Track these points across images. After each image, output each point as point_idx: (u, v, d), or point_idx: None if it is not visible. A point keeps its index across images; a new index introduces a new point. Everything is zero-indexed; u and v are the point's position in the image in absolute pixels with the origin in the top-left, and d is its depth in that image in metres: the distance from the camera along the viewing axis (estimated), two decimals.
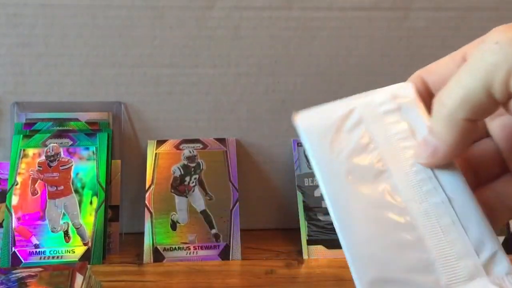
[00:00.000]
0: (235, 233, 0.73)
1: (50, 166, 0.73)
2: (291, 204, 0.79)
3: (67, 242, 0.70)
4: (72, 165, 0.73)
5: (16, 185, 0.71)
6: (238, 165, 0.77)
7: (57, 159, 0.73)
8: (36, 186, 0.72)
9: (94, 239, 0.70)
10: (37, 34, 0.74)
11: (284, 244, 0.77)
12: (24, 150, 0.73)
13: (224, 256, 0.72)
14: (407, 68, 0.79)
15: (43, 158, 0.73)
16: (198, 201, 0.75)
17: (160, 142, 0.78)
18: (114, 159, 0.76)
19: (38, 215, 0.71)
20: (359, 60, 0.79)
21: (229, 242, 0.73)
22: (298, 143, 0.79)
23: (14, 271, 0.57)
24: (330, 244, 0.73)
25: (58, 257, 0.69)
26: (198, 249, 0.72)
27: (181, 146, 0.78)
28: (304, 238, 0.74)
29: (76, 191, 0.72)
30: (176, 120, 0.79)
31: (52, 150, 0.73)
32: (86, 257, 0.70)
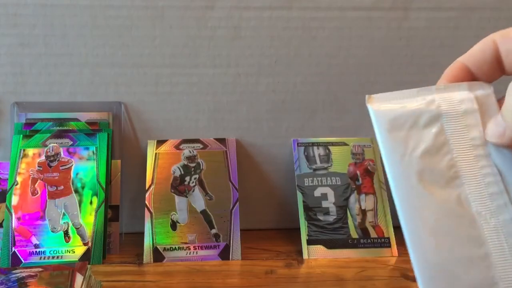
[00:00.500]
0: (235, 233, 0.73)
1: (50, 166, 0.73)
2: (291, 204, 0.79)
3: (67, 242, 0.70)
4: (72, 165, 0.73)
5: (16, 185, 0.71)
6: (238, 165, 0.77)
7: (57, 159, 0.73)
8: (36, 186, 0.72)
9: (94, 239, 0.70)
10: (37, 34, 0.74)
11: (284, 244, 0.77)
12: (24, 150, 0.73)
13: (224, 256, 0.72)
14: (407, 68, 0.80)
15: (43, 158, 0.73)
16: (198, 201, 0.75)
17: (160, 142, 0.78)
18: (114, 159, 0.76)
19: (38, 215, 0.71)
20: (359, 60, 0.79)
21: (229, 242, 0.73)
22: (298, 143, 0.79)
23: (14, 271, 0.57)
24: (330, 244, 0.73)
25: (58, 257, 0.69)
26: (198, 249, 0.72)
27: (181, 146, 0.78)
28: (304, 238, 0.74)
29: (76, 191, 0.72)
30: (176, 120, 0.79)
31: (52, 150, 0.73)
32: (86, 257, 0.70)
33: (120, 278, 0.66)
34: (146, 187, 0.75)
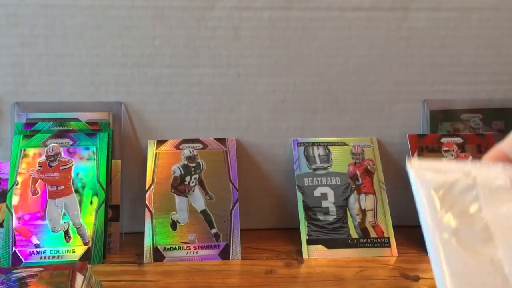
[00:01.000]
0: (235, 233, 0.73)
1: (51, 166, 0.73)
2: (291, 204, 0.79)
3: (68, 242, 0.70)
4: (72, 165, 0.73)
5: (16, 185, 0.71)
6: (238, 165, 0.77)
7: (57, 159, 0.73)
8: (36, 186, 0.72)
9: (94, 239, 0.71)
10: (37, 35, 0.74)
11: (284, 244, 0.77)
12: (24, 150, 0.73)
13: (224, 255, 0.72)
14: (407, 68, 0.80)
15: (44, 158, 0.73)
16: (198, 201, 0.75)
17: (160, 142, 0.78)
18: (114, 159, 0.76)
19: (38, 215, 0.71)
20: (359, 60, 0.79)
21: (229, 242, 0.73)
22: (298, 143, 0.79)
23: (14, 271, 0.57)
24: (330, 244, 0.73)
25: (58, 256, 0.70)
26: (198, 248, 0.72)
27: (181, 146, 0.78)
28: (304, 238, 0.74)
29: (76, 191, 0.72)
30: (176, 120, 0.79)
31: (52, 150, 0.73)
32: (86, 256, 0.70)
33: (120, 278, 0.66)
34: (146, 187, 0.75)
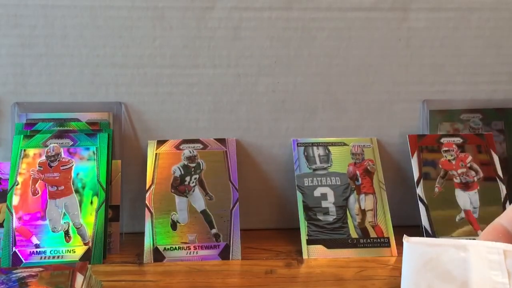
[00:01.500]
0: (235, 233, 0.73)
1: (51, 166, 0.73)
2: (291, 204, 0.79)
3: (68, 242, 0.70)
4: (72, 165, 0.73)
5: (16, 185, 0.72)
6: (238, 165, 0.78)
7: (57, 159, 0.73)
8: (36, 186, 0.72)
9: (94, 239, 0.71)
10: (37, 35, 0.74)
11: (284, 244, 0.77)
12: (24, 150, 0.73)
13: (224, 256, 0.72)
14: (407, 68, 0.80)
15: (44, 158, 0.73)
16: (198, 201, 0.75)
17: (160, 142, 0.78)
18: (114, 159, 0.76)
19: (38, 215, 0.71)
20: (359, 60, 0.79)
21: (229, 242, 0.73)
22: (298, 143, 0.79)
23: (14, 271, 0.57)
24: (330, 244, 0.73)
25: (58, 257, 0.70)
26: (198, 249, 0.72)
27: (181, 146, 0.78)
28: (303, 238, 0.74)
29: (76, 191, 0.72)
30: (176, 120, 0.79)
31: (52, 150, 0.73)
32: (86, 257, 0.70)
33: (120, 278, 0.66)
34: (147, 187, 0.75)
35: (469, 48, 0.79)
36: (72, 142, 0.74)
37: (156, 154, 0.77)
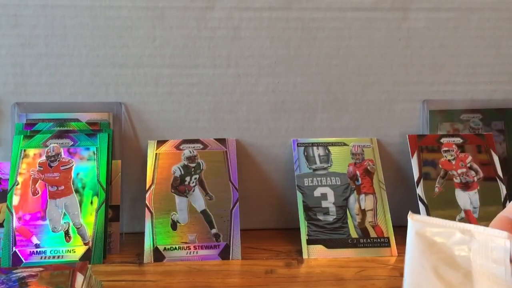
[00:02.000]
0: (235, 233, 0.73)
1: (51, 166, 0.73)
2: (291, 204, 0.79)
3: (68, 242, 0.71)
4: (72, 165, 0.73)
5: (17, 185, 0.72)
6: (238, 165, 0.78)
7: (57, 159, 0.73)
8: (36, 186, 0.72)
9: (94, 239, 0.71)
10: (37, 35, 0.74)
11: (284, 244, 0.77)
12: (24, 151, 0.73)
13: (224, 255, 0.72)
14: (407, 68, 0.80)
15: (44, 158, 0.73)
16: (198, 201, 0.75)
17: (160, 142, 0.78)
18: (114, 159, 0.76)
19: (39, 215, 0.71)
20: (359, 60, 0.79)
21: (229, 242, 0.73)
22: (298, 143, 0.79)
23: (14, 271, 0.57)
24: (330, 243, 0.73)
25: (58, 256, 0.70)
26: (198, 248, 0.72)
27: (181, 146, 0.78)
28: (303, 238, 0.74)
29: (76, 191, 0.72)
30: (176, 120, 0.79)
31: (52, 150, 0.73)
32: (86, 257, 0.70)
33: (120, 278, 0.66)
34: (147, 187, 0.75)
35: (469, 48, 0.79)
36: (72, 142, 0.74)
37: (156, 154, 0.77)
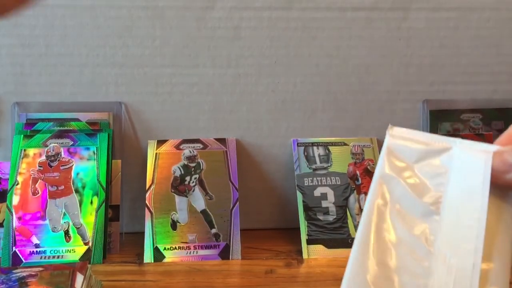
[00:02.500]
0: (235, 233, 0.73)
1: (51, 166, 0.73)
2: (291, 204, 0.79)
3: (68, 241, 0.71)
4: (72, 165, 0.73)
5: (16, 185, 0.72)
6: (238, 165, 0.78)
7: (57, 159, 0.73)
8: (36, 186, 0.72)
9: (94, 239, 0.71)
10: (37, 35, 0.74)
11: (284, 243, 0.77)
12: (24, 150, 0.73)
13: (224, 255, 0.72)
14: (407, 68, 0.80)
15: (44, 158, 0.73)
16: (198, 201, 0.75)
17: (160, 142, 0.78)
18: (114, 159, 0.76)
19: (38, 215, 0.71)
20: (359, 60, 0.79)
21: (229, 241, 0.73)
22: (298, 143, 0.79)
23: (14, 271, 0.57)
24: (330, 243, 0.73)
25: (58, 256, 0.70)
26: (198, 248, 0.72)
27: (181, 146, 0.78)
28: (303, 237, 0.74)
29: (76, 191, 0.72)
30: (176, 120, 0.79)
31: (52, 150, 0.73)
32: (86, 256, 0.70)
33: (120, 278, 0.66)
34: (147, 187, 0.75)
35: (469, 48, 0.79)
36: (72, 142, 0.74)
37: (156, 154, 0.77)
